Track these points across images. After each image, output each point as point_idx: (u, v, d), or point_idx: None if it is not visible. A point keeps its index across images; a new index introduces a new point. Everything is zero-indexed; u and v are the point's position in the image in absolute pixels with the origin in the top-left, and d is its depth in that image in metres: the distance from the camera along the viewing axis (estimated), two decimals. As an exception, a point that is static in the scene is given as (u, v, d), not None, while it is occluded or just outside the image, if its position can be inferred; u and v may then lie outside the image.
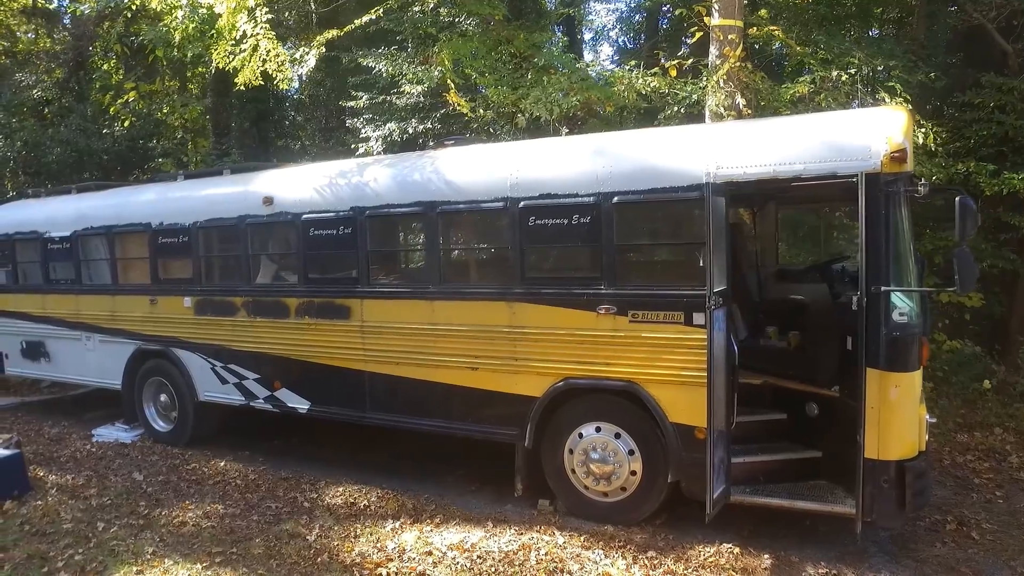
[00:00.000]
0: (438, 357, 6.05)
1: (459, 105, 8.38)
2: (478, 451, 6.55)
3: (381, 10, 10.24)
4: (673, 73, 7.86)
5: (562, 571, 4.80)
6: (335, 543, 5.34)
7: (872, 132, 4.52)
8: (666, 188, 5.05)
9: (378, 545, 5.29)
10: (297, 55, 9.43)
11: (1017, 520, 5.41)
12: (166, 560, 5.06)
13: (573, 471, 5.64)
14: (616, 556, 4.98)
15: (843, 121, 4.85)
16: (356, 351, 6.49)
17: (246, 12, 7.85)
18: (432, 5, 10.70)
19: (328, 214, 6.53)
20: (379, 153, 12.99)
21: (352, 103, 13.32)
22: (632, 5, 9.93)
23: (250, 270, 7.18)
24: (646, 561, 4.90)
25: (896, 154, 4.37)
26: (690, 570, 4.78)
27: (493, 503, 6.07)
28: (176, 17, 7.57)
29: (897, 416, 4.57)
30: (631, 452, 5.40)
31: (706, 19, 7.52)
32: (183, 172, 8.48)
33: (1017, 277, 9.66)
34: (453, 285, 6.01)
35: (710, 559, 4.89)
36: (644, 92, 7.54)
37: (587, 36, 14.35)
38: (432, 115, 11.88)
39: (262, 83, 9.02)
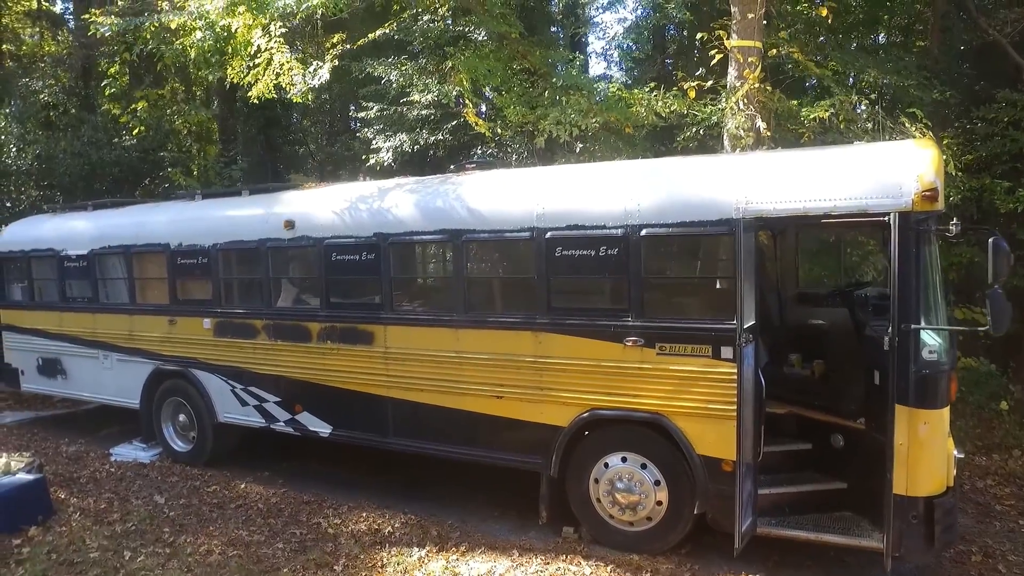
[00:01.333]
0: (463, 385, 6.07)
1: (477, 125, 8.39)
2: (499, 474, 6.56)
3: (394, 24, 10.28)
4: (692, 95, 7.86)
5: (593, 606, 4.83)
6: (363, 574, 5.37)
7: (903, 170, 4.54)
8: (695, 222, 5.06)
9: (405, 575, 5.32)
10: (311, 69, 9.45)
11: (1041, 550, 5.45)
12: (196, 593, 5.09)
13: (599, 500, 5.67)
14: (643, 588, 5.02)
15: (873, 157, 4.86)
16: (379, 377, 6.51)
17: (261, 27, 7.86)
18: (444, 17, 10.73)
19: (351, 239, 6.54)
20: (390, 165, 13.04)
21: (362, 113, 13.34)
22: (639, 16, 9.87)
23: (271, 293, 7.19)
24: (675, 594, 4.93)
25: (927, 193, 4.39)
26: (719, 605, 4.81)
27: (517, 530, 6.09)
28: (195, 37, 7.57)
29: (926, 453, 4.60)
30: (657, 482, 5.42)
31: (725, 41, 7.53)
32: (200, 191, 8.48)
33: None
34: (478, 313, 6.01)
35: (738, 593, 4.93)
36: (663, 114, 7.55)
37: (596, 45, 14.39)
38: (443, 127, 11.89)
39: (275, 96, 9.06)
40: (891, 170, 4.59)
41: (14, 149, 11.54)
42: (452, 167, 7.20)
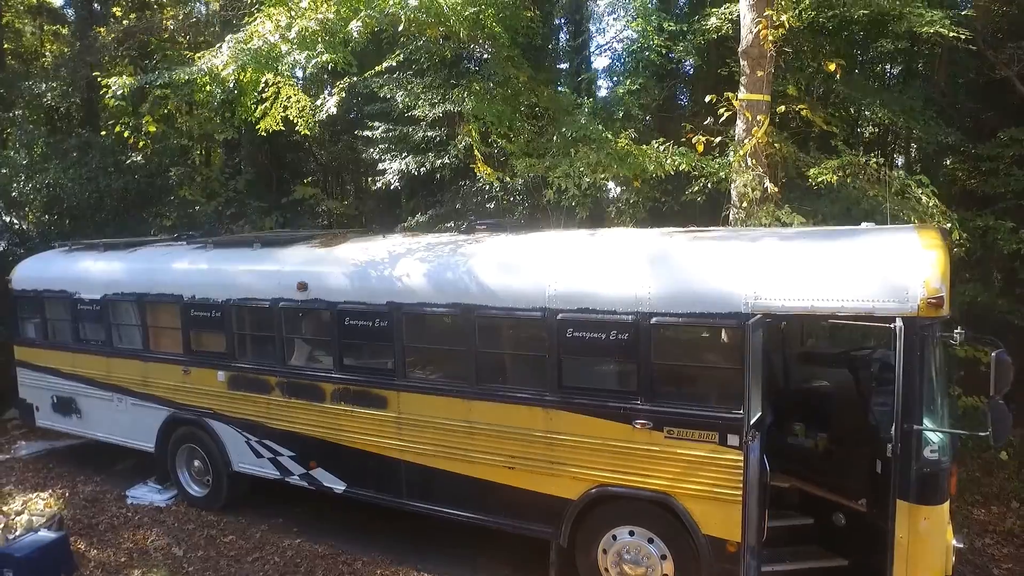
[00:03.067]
0: (475, 454, 6.22)
1: (487, 175, 8.46)
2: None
3: (399, 55, 10.27)
4: (700, 148, 7.93)
5: None
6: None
7: (910, 274, 4.64)
8: (704, 314, 5.18)
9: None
10: (318, 102, 9.50)
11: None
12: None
13: (607, 569, 5.84)
14: (652, 665, 5.20)
15: (881, 254, 4.93)
16: (392, 440, 6.66)
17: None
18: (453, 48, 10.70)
19: (363, 306, 6.66)
20: (396, 186, 13.11)
21: (368, 132, 13.37)
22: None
23: (284, 351, 7.31)
24: (681, 673, 5.12)
25: (933, 300, 4.50)
26: None
27: (528, 591, 6.28)
28: (206, 92, 7.63)
29: (926, 546, 4.76)
30: (663, 557, 5.60)
31: (734, 101, 7.58)
32: (212, 240, 8.54)
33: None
34: (489, 386, 6.14)
35: (743, 672, 5.11)
36: (672, 171, 7.63)
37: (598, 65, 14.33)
38: (449, 147, 11.91)
39: (283, 128, 9.13)
40: (898, 273, 4.70)
41: (23, 178, 11.59)
42: (463, 225, 7.29)
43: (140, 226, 12.30)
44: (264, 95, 8.51)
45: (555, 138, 8.64)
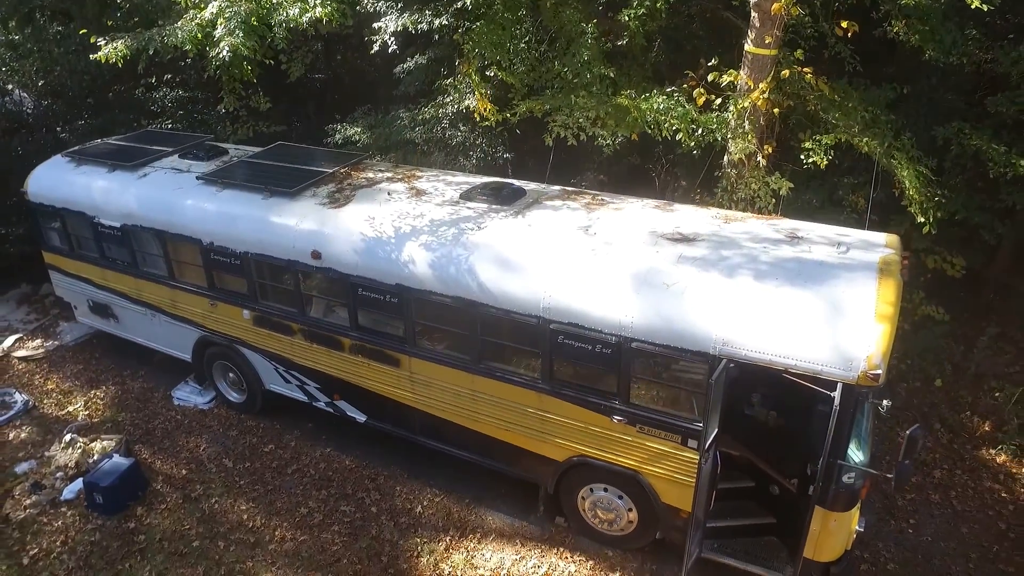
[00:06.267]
0: (477, 415, 7.31)
1: (486, 111, 8.46)
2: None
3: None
4: (701, 102, 7.94)
5: (575, 613, 6.64)
6: (404, 566, 7.13)
7: (856, 347, 5.33)
8: (678, 348, 5.93)
9: (436, 570, 7.08)
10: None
11: (916, 558, 7.18)
12: (285, 592, 6.88)
13: (585, 510, 7.26)
14: (614, 589, 6.81)
15: (837, 320, 5.52)
16: (406, 392, 7.70)
17: None
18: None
19: (375, 282, 7.27)
20: (393, 49, 12.53)
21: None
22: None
23: (303, 303, 8.04)
24: (636, 598, 6.74)
25: (872, 375, 5.26)
26: (667, 611, 6.63)
27: (520, 513, 7.72)
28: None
29: (832, 538, 6.05)
30: (630, 509, 6.97)
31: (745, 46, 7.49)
32: (223, 181, 8.65)
33: (997, 248, 10.42)
34: (491, 366, 7.02)
35: (682, 598, 6.73)
36: (668, 136, 7.75)
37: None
38: (448, 7, 11.23)
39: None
40: (846, 345, 5.38)
41: (8, 57, 11.15)
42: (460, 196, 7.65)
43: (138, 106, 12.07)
44: None
45: (556, 66, 8.49)
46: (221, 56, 6.84)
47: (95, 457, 8.25)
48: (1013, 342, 10.04)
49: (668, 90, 8.23)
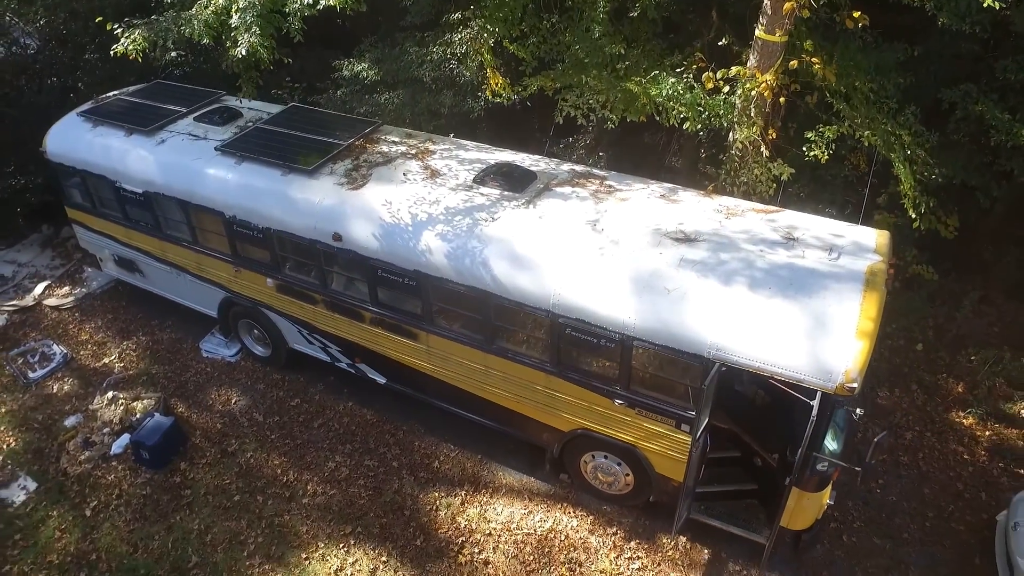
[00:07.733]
0: (489, 387, 7.97)
1: (498, 86, 8.57)
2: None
3: None
4: (709, 85, 8.07)
5: (579, 565, 7.55)
6: (424, 519, 8.02)
7: (837, 361, 5.88)
8: (676, 349, 6.48)
9: (454, 523, 7.97)
10: None
11: (880, 516, 8.04)
12: (319, 543, 7.76)
13: (587, 472, 8.07)
14: (609, 542, 7.72)
15: (821, 334, 6.03)
16: (423, 362, 8.33)
17: None
18: None
19: (394, 266, 7.72)
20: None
21: None
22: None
23: (325, 277, 8.51)
24: (630, 551, 7.66)
25: (848, 387, 5.85)
26: (655, 563, 7.56)
27: (529, 469, 8.55)
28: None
29: (805, 512, 6.87)
30: (627, 474, 7.77)
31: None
32: (242, 153, 8.84)
33: (991, 210, 10.72)
34: (503, 346, 7.61)
35: (669, 553, 7.64)
36: (676, 123, 7.94)
37: None
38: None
39: None
40: (828, 358, 5.93)
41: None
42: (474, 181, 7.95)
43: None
44: None
45: (567, 38, 8.53)
46: (239, 54, 6.95)
47: (138, 416, 8.98)
48: (995, 305, 10.59)
49: (677, 70, 8.31)
